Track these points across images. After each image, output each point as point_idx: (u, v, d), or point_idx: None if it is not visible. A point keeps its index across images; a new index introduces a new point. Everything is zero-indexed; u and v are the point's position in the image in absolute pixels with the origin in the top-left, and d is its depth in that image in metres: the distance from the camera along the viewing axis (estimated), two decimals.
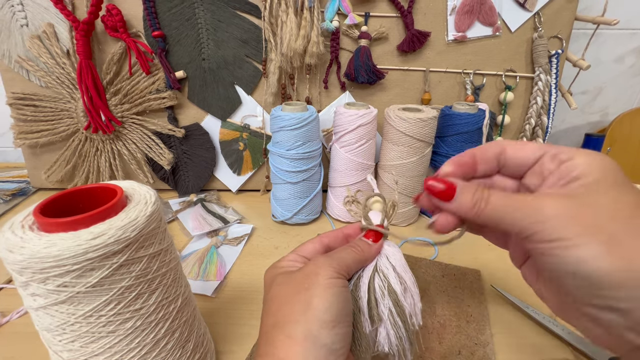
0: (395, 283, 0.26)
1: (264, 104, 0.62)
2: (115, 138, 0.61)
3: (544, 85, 0.60)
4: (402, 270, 0.27)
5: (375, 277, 0.27)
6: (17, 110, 0.59)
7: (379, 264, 0.27)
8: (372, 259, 0.27)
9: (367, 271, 0.27)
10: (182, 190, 0.66)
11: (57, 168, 0.62)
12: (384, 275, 0.27)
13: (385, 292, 0.26)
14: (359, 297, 0.26)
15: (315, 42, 0.55)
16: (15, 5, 0.55)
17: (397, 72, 0.61)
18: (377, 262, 0.27)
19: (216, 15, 0.56)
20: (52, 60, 0.56)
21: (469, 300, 0.40)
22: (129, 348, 0.23)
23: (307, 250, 0.28)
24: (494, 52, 0.60)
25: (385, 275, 0.26)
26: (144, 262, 0.23)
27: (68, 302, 0.21)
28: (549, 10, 0.57)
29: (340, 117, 0.53)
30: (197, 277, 0.44)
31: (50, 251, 0.19)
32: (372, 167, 0.56)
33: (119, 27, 0.54)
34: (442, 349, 0.34)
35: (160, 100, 0.59)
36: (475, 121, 0.52)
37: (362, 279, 0.27)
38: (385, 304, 0.26)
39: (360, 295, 0.26)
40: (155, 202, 0.25)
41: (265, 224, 0.57)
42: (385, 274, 0.27)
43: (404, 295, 0.26)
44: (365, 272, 0.27)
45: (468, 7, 0.57)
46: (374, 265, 0.27)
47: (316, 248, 0.28)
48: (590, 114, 0.80)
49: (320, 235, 0.29)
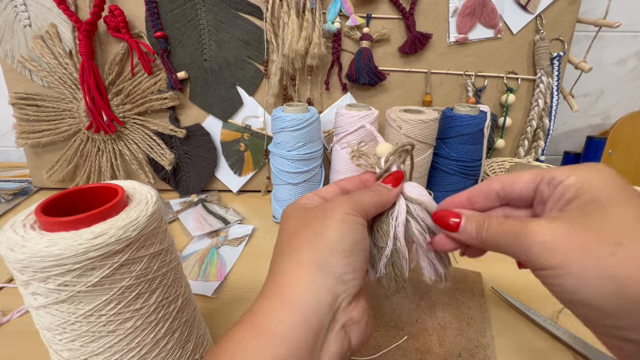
0: (430, 222, 0.27)
1: (265, 105, 0.62)
2: (116, 138, 0.61)
3: (546, 88, 0.60)
4: (432, 208, 0.27)
5: (412, 222, 0.27)
6: (19, 110, 0.59)
7: (411, 209, 0.27)
8: (391, 203, 0.27)
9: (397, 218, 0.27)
10: (183, 190, 0.66)
11: (59, 168, 0.62)
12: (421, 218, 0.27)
13: (427, 236, 0.26)
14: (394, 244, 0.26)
15: (316, 43, 0.55)
16: (18, 5, 0.56)
17: (399, 73, 0.61)
18: (407, 208, 0.27)
19: (218, 17, 0.57)
20: (54, 61, 0.56)
21: (470, 303, 0.40)
22: (129, 348, 0.23)
23: (326, 192, 0.27)
24: (496, 54, 0.60)
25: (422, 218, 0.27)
26: (145, 262, 0.23)
27: (69, 301, 0.21)
28: (551, 12, 0.57)
29: (342, 119, 0.53)
30: (197, 277, 0.44)
31: (52, 250, 0.19)
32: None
33: (122, 28, 0.54)
34: (443, 351, 0.34)
35: (162, 100, 0.59)
36: (477, 123, 0.52)
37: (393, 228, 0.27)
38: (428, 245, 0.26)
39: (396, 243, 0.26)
40: (156, 202, 0.25)
41: (266, 225, 0.57)
42: (421, 217, 0.27)
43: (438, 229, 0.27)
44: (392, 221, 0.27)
45: (470, 9, 0.57)
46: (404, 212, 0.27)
47: (335, 191, 0.28)
48: (591, 117, 0.80)
49: (339, 180, 0.29)
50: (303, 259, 0.21)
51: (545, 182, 0.22)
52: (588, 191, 0.19)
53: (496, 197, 0.25)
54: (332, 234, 0.22)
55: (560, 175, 0.21)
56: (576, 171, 0.21)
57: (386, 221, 0.27)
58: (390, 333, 0.36)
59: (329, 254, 0.21)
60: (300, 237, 0.22)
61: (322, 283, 0.20)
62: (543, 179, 0.22)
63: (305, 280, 0.20)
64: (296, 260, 0.21)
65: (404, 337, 0.35)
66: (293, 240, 0.23)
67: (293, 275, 0.21)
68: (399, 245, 0.26)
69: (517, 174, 0.24)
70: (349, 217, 0.23)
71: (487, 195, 0.25)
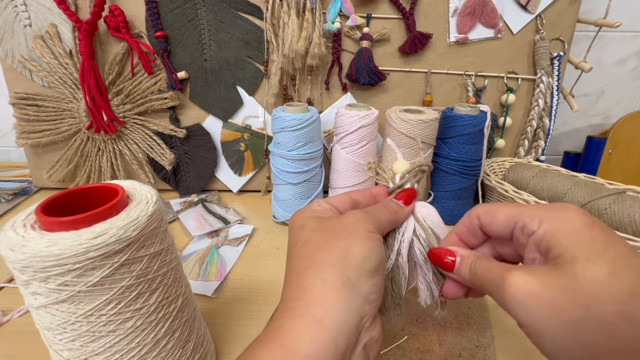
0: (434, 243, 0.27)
1: (265, 105, 0.62)
2: (117, 138, 0.61)
3: (546, 88, 0.60)
4: (440, 232, 0.27)
5: (415, 241, 0.27)
6: (19, 110, 0.59)
7: (418, 230, 0.27)
8: (403, 221, 0.27)
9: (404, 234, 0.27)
10: (183, 190, 0.66)
11: (59, 168, 0.62)
12: (425, 240, 0.27)
13: (427, 259, 0.26)
14: (396, 259, 0.26)
15: (317, 43, 0.55)
16: (18, 5, 0.56)
17: (399, 73, 0.61)
18: (414, 227, 0.27)
19: (218, 16, 0.57)
20: (54, 61, 0.56)
21: (470, 303, 0.40)
22: (129, 347, 0.23)
23: (337, 201, 0.27)
24: (496, 54, 0.60)
25: (428, 238, 0.27)
26: (145, 262, 0.23)
27: (69, 301, 0.21)
28: (551, 12, 0.57)
29: (342, 119, 0.53)
30: (197, 277, 0.44)
31: (52, 250, 0.19)
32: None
33: (122, 28, 0.54)
34: (443, 351, 0.34)
35: (162, 100, 0.59)
36: (477, 123, 0.52)
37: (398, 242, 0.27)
38: (428, 267, 0.26)
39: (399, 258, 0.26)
40: (156, 202, 0.25)
41: (266, 225, 0.57)
42: (425, 239, 0.27)
43: None
44: (399, 236, 0.27)
45: (470, 9, 0.57)
46: (411, 229, 0.27)
47: (345, 201, 0.27)
48: (592, 117, 0.80)
49: (349, 191, 0.29)
50: (330, 276, 0.20)
51: (519, 229, 0.21)
52: (558, 245, 0.19)
53: (482, 233, 0.24)
54: (360, 253, 0.21)
55: (531, 224, 0.20)
56: (547, 218, 0.20)
57: (392, 235, 0.27)
58: (391, 333, 0.36)
59: (358, 273, 0.21)
60: (327, 253, 0.22)
61: (351, 304, 0.20)
62: (517, 224, 0.21)
63: (335, 300, 0.20)
64: (323, 277, 0.21)
65: (404, 337, 0.35)
66: (317, 255, 0.22)
67: (321, 294, 0.20)
68: (401, 261, 0.26)
69: (493, 210, 0.23)
70: (373, 235, 0.23)
71: (473, 232, 0.25)
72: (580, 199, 0.49)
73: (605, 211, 0.46)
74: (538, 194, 0.53)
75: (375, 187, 0.29)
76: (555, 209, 0.20)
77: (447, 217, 0.57)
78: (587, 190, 0.49)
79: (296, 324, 0.19)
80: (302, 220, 0.25)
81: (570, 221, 0.19)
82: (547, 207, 0.21)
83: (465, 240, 0.25)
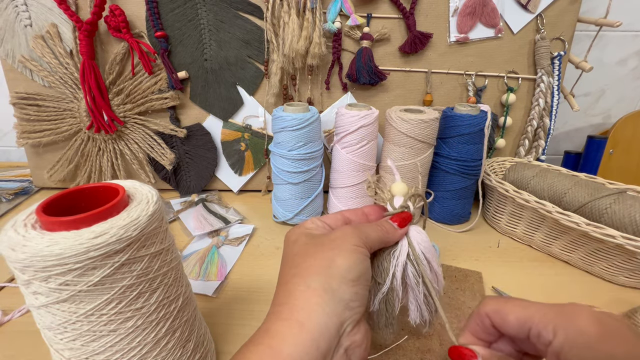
0: (427, 270, 0.27)
1: (266, 105, 0.62)
2: (117, 138, 0.61)
3: (546, 87, 0.60)
4: (431, 256, 0.28)
5: (408, 265, 0.27)
6: (20, 110, 0.59)
7: (411, 254, 0.28)
8: (394, 242, 0.28)
9: (398, 258, 0.27)
10: (184, 190, 0.66)
11: (60, 167, 0.62)
12: (418, 265, 0.27)
13: (419, 281, 0.27)
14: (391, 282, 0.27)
15: (317, 43, 0.55)
16: (19, 5, 0.56)
17: (399, 73, 0.61)
18: (408, 251, 0.28)
19: (219, 16, 0.57)
20: (55, 60, 0.56)
21: (470, 302, 0.40)
22: (130, 347, 0.23)
23: (330, 219, 0.29)
24: (496, 54, 0.60)
25: (419, 264, 0.27)
26: (145, 262, 0.23)
27: (70, 301, 0.21)
28: (552, 12, 0.57)
29: (342, 118, 0.53)
30: (198, 277, 0.44)
31: (53, 250, 0.19)
32: (373, 168, 0.56)
33: (122, 28, 0.54)
34: (443, 351, 0.34)
35: (163, 100, 0.59)
36: (477, 123, 0.52)
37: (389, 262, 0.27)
38: (420, 290, 0.27)
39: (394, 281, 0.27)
40: (156, 202, 0.25)
41: (267, 225, 0.57)
42: (418, 263, 0.27)
43: (433, 279, 0.28)
44: (394, 260, 0.27)
45: (470, 9, 0.57)
46: (405, 253, 0.28)
47: (338, 219, 0.29)
48: (592, 116, 0.80)
49: (342, 210, 0.30)
50: (314, 283, 0.22)
51: (534, 336, 0.21)
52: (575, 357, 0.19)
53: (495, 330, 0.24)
54: (343, 263, 0.23)
55: (546, 332, 0.20)
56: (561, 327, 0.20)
57: (387, 259, 0.27)
58: None
59: (340, 281, 0.22)
60: (310, 263, 0.23)
61: (332, 309, 0.21)
62: (531, 331, 0.21)
63: (316, 304, 0.21)
64: (307, 283, 0.22)
65: (404, 336, 0.35)
66: (304, 264, 0.24)
67: (305, 299, 0.22)
68: (396, 284, 0.27)
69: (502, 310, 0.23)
70: (357, 248, 0.24)
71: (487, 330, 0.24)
72: (580, 198, 0.49)
73: (606, 211, 0.46)
74: (538, 194, 0.53)
75: (367, 206, 0.31)
76: (566, 315, 0.20)
77: (448, 216, 0.57)
78: (588, 190, 0.49)
79: (281, 326, 0.21)
80: (296, 236, 0.27)
81: (585, 333, 0.19)
82: (557, 311, 0.21)
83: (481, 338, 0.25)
